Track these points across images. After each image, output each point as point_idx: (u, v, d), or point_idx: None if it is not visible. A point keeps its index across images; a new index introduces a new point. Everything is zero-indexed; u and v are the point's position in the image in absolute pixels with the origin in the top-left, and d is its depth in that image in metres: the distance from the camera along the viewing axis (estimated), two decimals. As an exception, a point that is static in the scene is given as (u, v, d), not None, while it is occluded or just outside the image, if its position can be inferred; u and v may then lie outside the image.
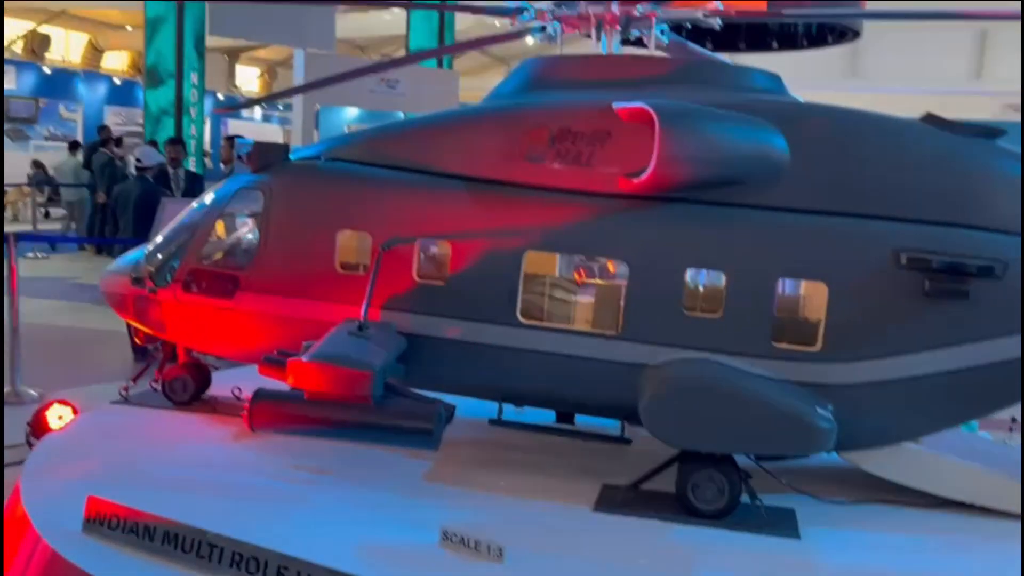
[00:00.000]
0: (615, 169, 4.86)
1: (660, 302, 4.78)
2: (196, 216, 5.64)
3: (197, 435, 5.51)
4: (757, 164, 4.75)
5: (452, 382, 5.16)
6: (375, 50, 39.31)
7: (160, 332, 5.78)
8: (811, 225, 4.73)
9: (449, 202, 5.13)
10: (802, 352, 4.69)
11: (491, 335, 4.99)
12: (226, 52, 35.64)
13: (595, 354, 4.88)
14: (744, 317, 4.70)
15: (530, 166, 5.03)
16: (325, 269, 5.21)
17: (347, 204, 5.24)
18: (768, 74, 5.31)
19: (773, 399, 4.52)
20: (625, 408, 4.91)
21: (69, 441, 5.33)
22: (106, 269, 6.06)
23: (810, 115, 4.94)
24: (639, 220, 4.87)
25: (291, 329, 5.21)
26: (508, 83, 5.54)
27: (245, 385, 6.22)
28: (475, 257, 5.00)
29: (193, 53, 20.10)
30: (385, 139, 5.51)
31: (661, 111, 4.57)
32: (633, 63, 5.31)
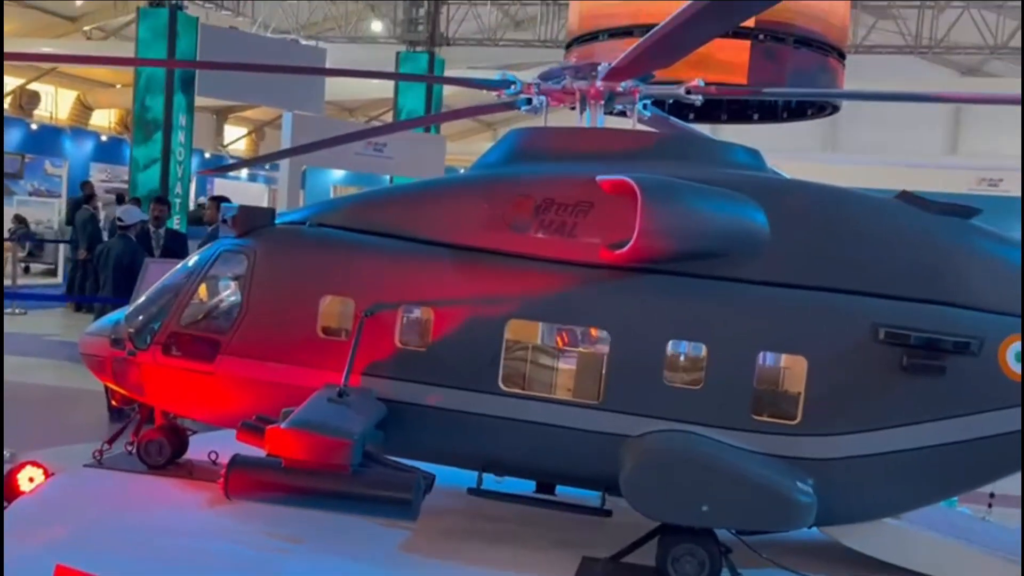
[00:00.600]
0: (598, 240, 4.93)
1: (641, 373, 4.79)
2: (179, 278, 5.63)
3: (171, 501, 5.41)
4: (738, 238, 4.82)
5: (432, 450, 5.13)
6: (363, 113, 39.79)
7: (138, 395, 5.72)
8: (791, 299, 4.79)
9: (433, 269, 5.16)
10: (782, 425, 4.71)
11: (472, 403, 4.98)
12: (214, 111, 35.97)
13: (576, 424, 4.87)
14: (724, 389, 4.72)
15: (514, 235, 5.08)
16: (307, 334, 5.20)
17: (331, 269, 5.26)
18: (748, 149, 5.42)
19: (753, 473, 4.51)
20: (605, 479, 4.88)
21: (39, 506, 5.22)
22: (86, 330, 6.02)
23: (790, 191, 5.04)
24: (621, 291, 4.91)
25: (271, 394, 5.18)
26: (494, 153, 5.63)
27: (222, 450, 6.15)
28: (458, 324, 5.01)
29: (182, 112, 20.27)
30: (371, 205, 5.56)
31: (643, 184, 4.65)
32: (617, 136, 5.41)
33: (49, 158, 25.85)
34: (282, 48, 22.45)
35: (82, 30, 27.38)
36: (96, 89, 30.85)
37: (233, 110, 37.24)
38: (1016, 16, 20.99)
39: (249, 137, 40.05)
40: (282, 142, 19.47)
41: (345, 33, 25.26)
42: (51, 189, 26.17)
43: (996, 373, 4.62)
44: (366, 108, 39.97)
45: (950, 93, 15.65)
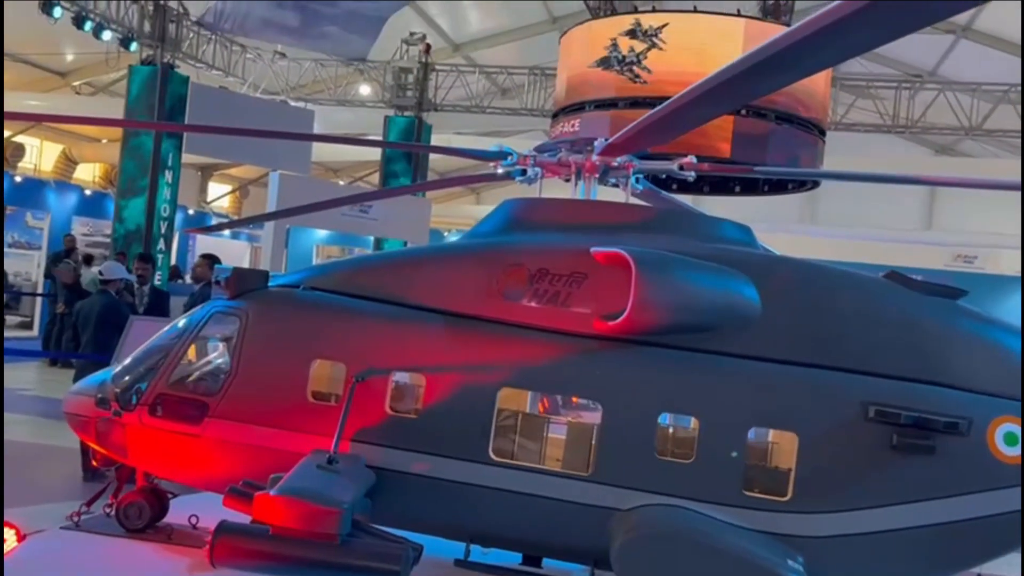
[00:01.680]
0: (591, 310, 4.96)
1: (632, 445, 4.79)
2: (168, 339, 5.60)
3: (149, 567, 5.29)
4: (729, 313, 4.87)
5: (420, 519, 5.07)
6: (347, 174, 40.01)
7: (121, 456, 5.63)
8: (782, 375, 4.82)
9: (425, 335, 5.16)
10: (772, 502, 4.70)
11: (462, 472, 4.94)
12: (199, 168, 36.05)
13: (566, 496, 4.84)
14: (715, 464, 4.72)
15: (507, 304, 5.11)
16: (297, 398, 5.16)
17: (323, 334, 5.25)
18: (739, 225, 5.51)
19: (744, 550, 4.49)
20: (594, 552, 4.84)
21: (16, 570, 5.08)
22: (70, 388, 5.94)
23: (781, 267, 5.11)
24: (613, 362, 4.93)
25: (259, 459, 5.12)
26: (489, 221, 5.68)
27: (202, 513, 6.04)
28: (449, 391, 5.00)
29: (168, 168, 20.32)
30: (365, 270, 5.58)
31: (637, 257, 4.71)
32: (611, 209, 5.49)
33: (31, 210, 25.73)
34: (271, 109, 22.65)
35: (71, 85, 27.53)
36: (81, 143, 30.86)
37: (218, 167, 37.33)
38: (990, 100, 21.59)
39: (233, 195, 40.07)
40: (268, 201, 19.53)
41: (334, 96, 25.56)
42: (31, 241, 25.99)
43: (985, 454, 4.65)
44: (351, 169, 40.20)
45: (946, 178, 16.01)
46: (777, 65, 3.55)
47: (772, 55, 3.40)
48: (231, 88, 23.61)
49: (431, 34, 25.30)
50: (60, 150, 30.48)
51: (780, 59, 3.44)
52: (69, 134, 30.27)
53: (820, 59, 3.82)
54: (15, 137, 27.83)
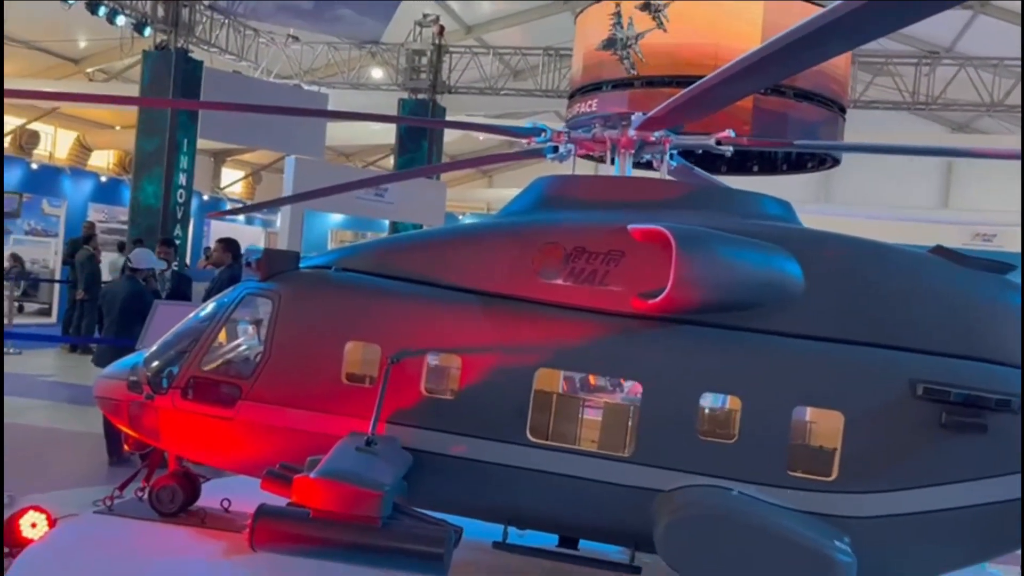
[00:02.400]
0: (629, 289, 4.87)
1: (674, 425, 4.71)
2: (200, 322, 5.54)
3: (185, 551, 5.26)
4: (772, 290, 4.77)
5: (456, 501, 5.01)
6: (360, 158, 39.93)
7: (153, 440, 5.59)
8: (827, 353, 4.72)
9: (460, 316, 5.09)
10: (817, 482, 4.61)
11: (499, 454, 4.87)
12: (212, 154, 36.03)
13: (606, 477, 4.77)
14: (759, 444, 4.63)
15: (543, 283, 5.03)
16: (331, 380, 5.10)
17: (356, 315, 5.18)
18: (779, 201, 5.41)
19: (791, 531, 4.40)
20: (634, 535, 4.77)
21: (49, 556, 5.06)
22: (102, 372, 5.90)
23: (824, 243, 5.00)
24: (653, 341, 4.84)
25: (293, 442, 5.07)
26: (521, 199, 5.59)
27: (235, 497, 6.01)
28: (485, 372, 4.93)
29: (183, 154, 20.28)
30: (398, 250, 5.50)
31: (678, 234, 4.61)
32: (648, 186, 5.39)
33: (47, 197, 25.76)
34: (285, 93, 22.54)
35: (84, 72, 27.47)
36: (96, 130, 30.83)
37: (231, 153, 37.29)
38: (1010, 76, 21.28)
39: (246, 180, 40.06)
40: (284, 186, 19.46)
41: (347, 79, 25.43)
42: (48, 229, 26.03)
43: None
44: (363, 154, 40.11)
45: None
46: (820, 40, 3.44)
47: (817, 29, 3.29)
48: (244, 73, 23.53)
49: (444, 16, 25.12)
50: (74, 137, 30.47)
51: (827, 33, 3.33)
52: (83, 121, 30.26)
53: (862, 33, 3.71)
54: (30, 124, 27.80)
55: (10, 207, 25.17)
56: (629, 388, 5.05)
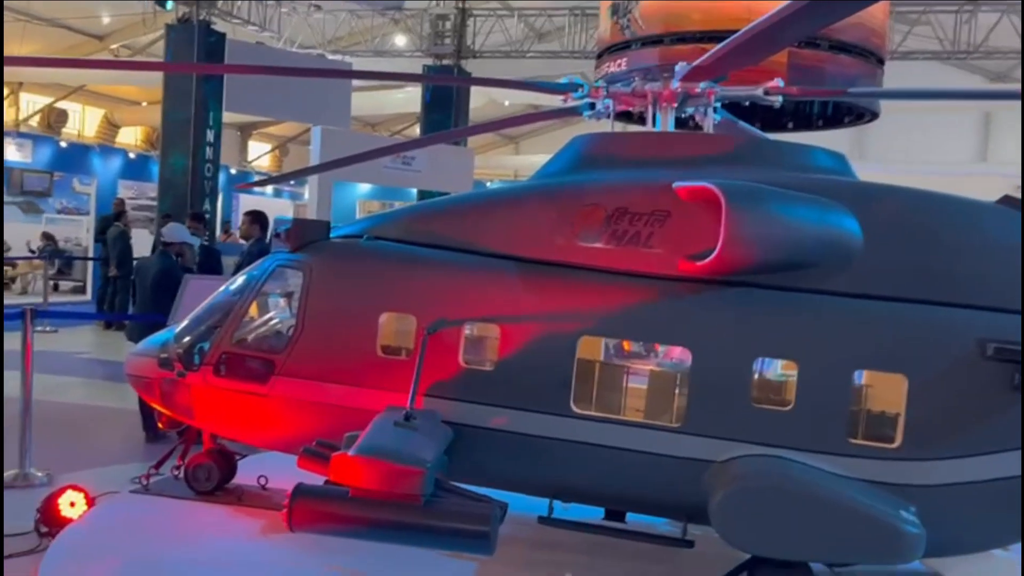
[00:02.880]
0: (676, 251, 4.62)
1: (726, 393, 4.47)
2: (230, 296, 5.38)
3: (223, 530, 5.15)
4: (829, 247, 4.50)
5: (498, 476, 4.83)
6: (386, 128, 39.69)
7: (186, 417, 5.46)
8: (888, 313, 4.45)
9: (498, 283, 4.87)
10: (880, 449, 4.37)
11: (542, 426, 4.68)
12: (239, 128, 35.98)
13: (655, 448, 4.55)
14: (817, 411, 4.39)
15: (584, 247, 4.79)
16: (366, 353, 4.92)
17: (390, 285, 4.99)
18: (832, 153, 5.11)
19: (854, 501, 4.17)
20: (686, 507, 4.57)
21: (89, 535, 4.96)
22: (132, 350, 5.77)
23: (883, 196, 4.70)
24: (703, 305, 4.59)
25: (328, 417, 4.91)
26: (558, 160, 5.33)
27: (271, 474, 5.90)
28: (526, 341, 4.72)
29: (209, 128, 20.16)
30: (430, 217, 5.28)
31: (728, 191, 4.35)
32: (692, 141, 5.11)
33: (77, 176, 25.82)
34: (308, 63, 22.30)
35: (109, 48, 27.40)
36: (122, 107, 30.83)
37: (257, 126, 37.22)
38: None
39: (273, 153, 40.01)
40: (311, 157, 19.31)
41: (371, 48, 25.14)
42: (79, 207, 26.13)
43: None
44: (389, 123, 39.88)
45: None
46: None
47: None
48: (267, 44, 23.31)
49: (467, -22, 24.69)
50: (102, 115, 30.50)
51: None
52: (109, 98, 30.27)
53: None
54: (57, 103, 27.83)
55: (41, 186, 25.26)
56: (678, 355, 4.82)
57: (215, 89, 19.90)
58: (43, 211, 25.38)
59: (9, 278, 24.29)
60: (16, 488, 7.90)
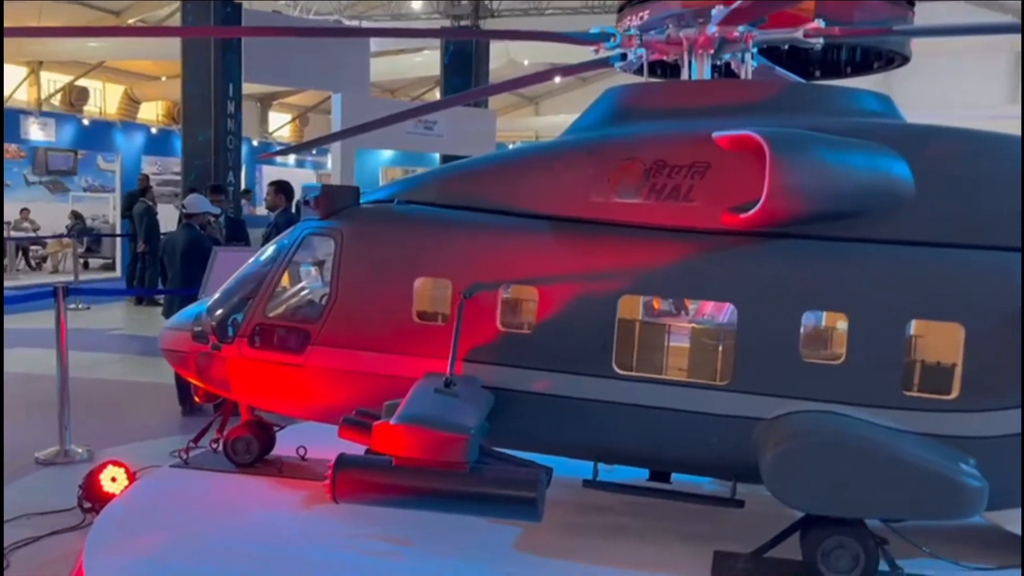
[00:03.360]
0: (717, 203, 4.46)
1: (774, 349, 4.33)
2: (261, 266, 5.29)
3: (267, 502, 5.11)
4: (878, 193, 4.31)
5: (540, 440, 4.73)
6: (404, 93, 39.43)
7: (223, 390, 5.41)
8: (942, 260, 4.27)
9: (534, 244, 4.74)
10: (936, 401, 4.22)
11: (584, 388, 4.56)
12: (259, 99, 35.90)
13: (701, 407, 4.43)
14: (870, 364, 4.24)
15: (622, 203, 4.64)
16: (401, 320, 4.83)
17: (424, 249, 4.87)
18: (877, 95, 4.90)
19: (914, 456, 4.03)
20: (734, 466, 4.45)
21: (133, 511, 4.95)
22: (165, 324, 5.72)
23: (933, 138, 4.50)
24: (747, 259, 4.44)
25: (366, 385, 4.83)
26: (591, 114, 5.16)
27: (310, 444, 5.85)
28: (565, 303, 4.59)
29: (229, 99, 20.05)
30: (461, 178, 5.15)
31: (771, 139, 4.17)
32: (731, 88, 4.92)
33: (101, 153, 25.87)
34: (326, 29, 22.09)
35: (126, 23, 27.33)
36: (142, 82, 30.85)
37: (276, 97, 37.12)
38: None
39: (293, 123, 39.94)
40: (332, 124, 19.18)
41: (387, 12, 24.87)
42: (104, 184, 26.22)
43: None
44: (408, 88, 39.60)
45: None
46: None
47: None
48: (283, 12, 23.11)
49: (483, -64, 24.27)
50: (122, 91, 30.50)
51: None
52: (129, 74, 30.27)
53: None
54: (77, 81, 27.84)
55: (66, 165, 25.38)
56: (722, 311, 4.68)
57: (234, 60, 19.78)
58: (69, 190, 25.52)
59: (40, 257, 24.51)
60: (57, 465, 7.96)
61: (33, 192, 24.78)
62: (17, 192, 24.33)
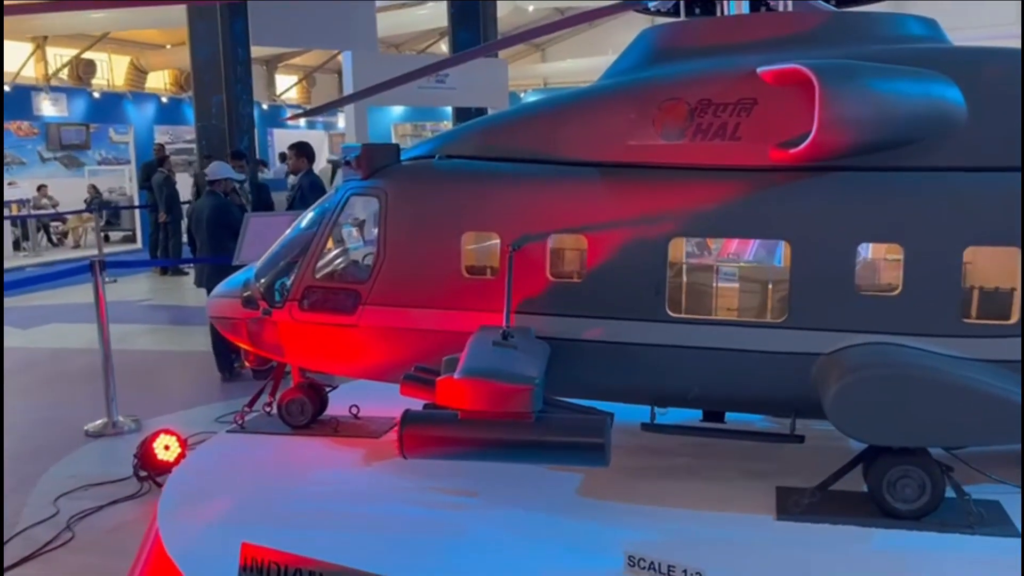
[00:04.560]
0: (766, 140, 4.41)
1: (830, 283, 4.31)
2: (306, 229, 5.29)
3: (327, 462, 5.18)
4: (932, 121, 4.25)
5: (596, 387, 4.75)
6: (409, 47, 39.02)
7: (277, 355, 5.45)
8: (997, 184, 4.22)
9: (579, 192, 4.71)
10: (995, 327, 4.20)
11: (638, 333, 4.57)
12: (264, 62, 35.61)
13: (757, 346, 4.43)
14: (927, 293, 4.22)
15: (667, 145, 4.59)
16: (451, 275, 4.83)
17: (469, 204, 4.86)
18: (923, 19, 4.81)
19: (978, 382, 4.03)
20: (792, 402, 4.47)
21: (199, 477, 5.02)
22: (214, 292, 5.75)
23: (984, 60, 4.41)
24: (799, 194, 4.40)
25: (420, 342, 4.86)
26: (627, 57, 5.09)
27: (361, 403, 5.92)
28: (614, 250, 4.58)
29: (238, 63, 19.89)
30: (501, 130, 5.10)
31: (819, 70, 4.10)
32: (771, 20, 4.84)
33: (113, 125, 25.82)
34: (328, -11, 21.79)
35: (126, -8, 27.09)
36: (148, 52, 30.62)
37: (281, 59, 36.81)
38: None
39: (300, 85, 39.65)
40: (344, 83, 19.01)
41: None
42: (119, 156, 26.22)
43: None
44: (413, 42, 39.16)
45: None
46: None
47: None
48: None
49: None
50: (128, 61, 30.31)
51: None
52: (134, 44, 30.03)
53: None
54: (83, 54, 27.67)
55: (79, 139, 25.36)
56: (775, 248, 4.65)
57: (241, 24, 19.58)
58: (84, 164, 25.55)
59: (61, 233, 24.63)
60: (107, 436, 8.10)
61: (49, 168, 24.82)
62: (33, 169, 24.39)
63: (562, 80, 39.86)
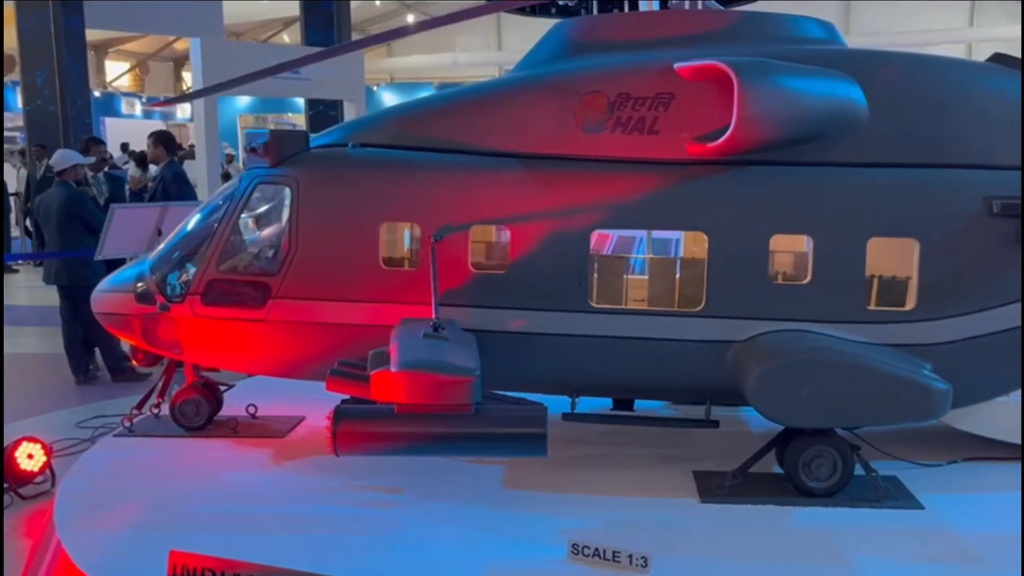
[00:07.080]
0: (683, 134, 4.53)
1: (745, 273, 4.49)
2: (207, 219, 4.99)
3: (234, 464, 4.91)
4: (837, 118, 4.49)
5: (518, 378, 4.74)
6: (251, 36, 37.66)
7: (174, 352, 5.11)
8: (896, 179, 4.52)
9: (501, 183, 4.69)
10: (895, 313, 4.50)
11: (562, 324, 4.60)
12: (93, 47, 33.44)
13: (676, 335, 4.55)
14: (835, 282, 4.46)
15: (587, 137, 4.64)
16: (368, 267, 4.70)
17: (387, 194, 4.73)
18: (822, 23, 5.07)
19: (883, 364, 4.30)
20: (708, 389, 4.62)
21: (95, 484, 4.64)
22: (99, 287, 5.32)
23: (884, 62, 4.70)
24: (715, 187, 4.55)
25: (335, 336, 4.70)
26: (542, 49, 5.10)
27: (259, 401, 5.68)
28: (537, 240, 4.59)
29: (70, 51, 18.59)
30: (418, 118, 4.99)
31: (738, 67, 4.25)
32: (685, 18, 4.97)
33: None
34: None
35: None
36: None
37: (112, 44, 34.73)
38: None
39: (133, 72, 37.55)
40: (192, 72, 18.13)
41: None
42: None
43: None
44: (254, 31, 37.84)
45: None
46: None
47: None
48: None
49: None
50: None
51: None
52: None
53: None
54: None
55: None
56: (692, 239, 4.79)
57: (74, 5, 18.32)
58: None
59: None
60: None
61: None
62: None
63: (408, 76, 39.50)
